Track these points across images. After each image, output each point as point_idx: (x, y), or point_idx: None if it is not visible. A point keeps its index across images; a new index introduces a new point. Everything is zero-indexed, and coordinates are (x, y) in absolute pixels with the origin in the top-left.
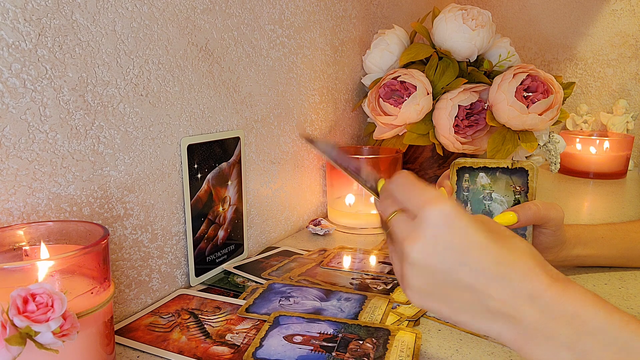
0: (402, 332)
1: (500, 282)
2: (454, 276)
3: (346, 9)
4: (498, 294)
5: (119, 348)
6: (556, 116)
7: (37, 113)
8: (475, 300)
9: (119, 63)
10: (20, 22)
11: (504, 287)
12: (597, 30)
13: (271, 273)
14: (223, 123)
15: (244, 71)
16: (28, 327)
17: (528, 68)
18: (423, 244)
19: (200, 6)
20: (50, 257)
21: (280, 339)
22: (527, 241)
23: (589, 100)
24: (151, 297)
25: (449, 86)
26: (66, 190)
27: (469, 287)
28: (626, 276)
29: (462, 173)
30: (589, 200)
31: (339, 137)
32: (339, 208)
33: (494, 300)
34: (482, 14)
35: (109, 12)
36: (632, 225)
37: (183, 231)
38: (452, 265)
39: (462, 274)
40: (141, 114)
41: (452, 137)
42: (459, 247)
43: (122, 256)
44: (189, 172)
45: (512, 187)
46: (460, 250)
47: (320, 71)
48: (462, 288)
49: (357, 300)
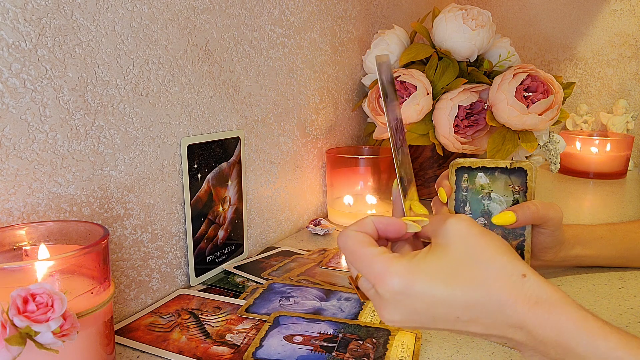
0: (402, 332)
1: (476, 323)
2: (432, 327)
3: (346, 9)
4: (480, 330)
5: (119, 348)
6: (556, 116)
7: (37, 113)
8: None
9: (119, 63)
10: (20, 22)
11: (482, 325)
12: (597, 30)
13: (271, 273)
14: (223, 123)
15: (244, 71)
16: (28, 327)
17: (528, 68)
18: (390, 313)
19: (200, 6)
20: (50, 257)
21: (280, 339)
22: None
23: (589, 100)
24: (151, 297)
25: (449, 86)
26: (66, 190)
27: (450, 329)
28: (626, 276)
29: (460, 173)
30: (589, 200)
31: (339, 137)
32: (339, 208)
33: (479, 333)
34: (482, 14)
35: (109, 12)
36: (631, 225)
37: (183, 231)
38: (425, 323)
39: (439, 325)
40: (141, 114)
41: (452, 137)
42: (424, 310)
43: (122, 256)
44: (189, 172)
45: (510, 187)
46: (426, 313)
47: (320, 71)
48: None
49: (357, 300)
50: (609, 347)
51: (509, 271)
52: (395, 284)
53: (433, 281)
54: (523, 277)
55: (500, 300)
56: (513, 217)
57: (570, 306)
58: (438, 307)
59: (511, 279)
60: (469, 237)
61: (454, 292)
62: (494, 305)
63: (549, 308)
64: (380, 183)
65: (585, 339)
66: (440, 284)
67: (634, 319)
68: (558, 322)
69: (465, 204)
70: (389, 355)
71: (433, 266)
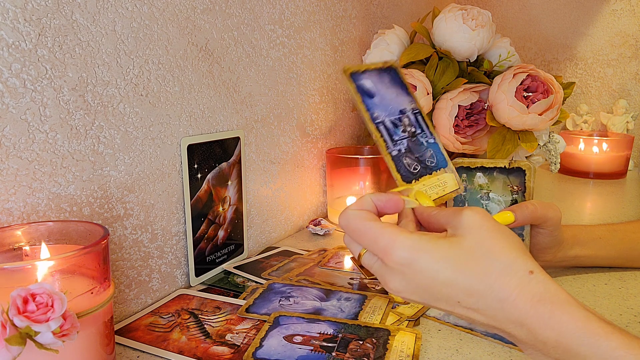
0: (402, 332)
1: (477, 312)
2: (435, 305)
3: (346, 9)
4: (482, 320)
5: (119, 348)
6: (556, 116)
7: (37, 113)
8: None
9: (119, 63)
10: (20, 22)
11: (483, 315)
12: (597, 30)
13: (271, 273)
14: (223, 123)
15: (244, 71)
16: (28, 327)
17: (528, 68)
18: (395, 282)
19: (200, 6)
20: (50, 257)
21: (280, 339)
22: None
23: (589, 100)
24: (151, 297)
25: (449, 86)
26: (66, 190)
27: (452, 312)
28: (626, 276)
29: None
30: (589, 200)
31: (339, 137)
32: (339, 208)
33: (481, 323)
34: (482, 14)
35: (109, 12)
36: (630, 225)
37: (183, 231)
38: (427, 300)
39: (441, 305)
40: (141, 114)
41: (452, 137)
42: (427, 287)
43: (122, 256)
44: (189, 172)
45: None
46: (428, 290)
47: (320, 71)
48: (448, 311)
49: (357, 300)
50: (611, 347)
51: (515, 268)
52: (401, 255)
53: (438, 262)
54: (530, 274)
55: (501, 296)
56: (512, 217)
57: (573, 306)
58: (441, 287)
59: (517, 275)
60: (481, 230)
61: (457, 277)
62: (494, 300)
63: (551, 307)
64: (380, 183)
65: (586, 339)
66: (446, 267)
67: (634, 319)
68: (560, 322)
69: (463, 204)
70: (389, 355)
71: (442, 250)
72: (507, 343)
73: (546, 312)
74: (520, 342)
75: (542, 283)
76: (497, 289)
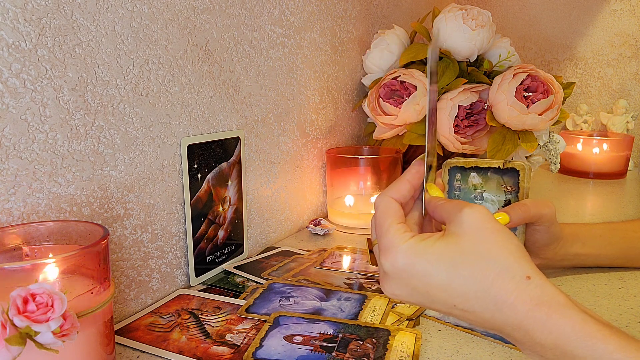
0: (402, 332)
1: (474, 315)
2: (431, 307)
3: (346, 9)
4: (479, 322)
5: (119, 348)
6: (556, 116)
7: (37, 113)
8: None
9: (119, 63)
10: (20, 22)
11: (480, 318)
12: (597, 30)
13: (271, 273)
14: (223, 123)
15: (244, 71)
16: (28, 327)
17: (528, 68)
18: (392, 286)
19: (200, 6)
20: (50, 257)
21: (280, 339)
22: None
23: (589, 100)
24: (151, 297)
25: (449, 86)
26: (66, 190)
27: (449, 314)
28: (626, 276)
29: (453, 172)
30: (589, 200)
31: (339, 137)
32: (339, 208)
33: (479, 324)
34: (482, 14)
35: (109, 12)
36: (631, 224)
37: (183, 231)
38: (424, 302)
39: (437, 307)
40: (141, 114)
41: (452, 137)
42: (423, 291)
43: (122, 256)
44: (189, 172)
45: (503, 187)
46: (424, 293)
47: (320, 71)
48: (445, 312)
49: (357, 300)
50: (608, 350)
51: (512, 271)
52: (397, 261)
53: (435, 266)
54: (527, 279)
55: (498, 299)
56: (506, 218)
57: (571, 309)
58: (436, 291)
59: (514, 280)
60: (481, 231)
61: (453, 280)
62: (490, 303)
63: (548, 310)
64: (380, 183)
65: (583, 342)
66: (442, 270)
67: (634, 319)
68: (557, 325)
69: None
70: (389, 355)
71: (439, 252)
72: (507, 343)
73: (543, 315)
74: (519, 344)
75: (540, 286)
76: (494, 293)
